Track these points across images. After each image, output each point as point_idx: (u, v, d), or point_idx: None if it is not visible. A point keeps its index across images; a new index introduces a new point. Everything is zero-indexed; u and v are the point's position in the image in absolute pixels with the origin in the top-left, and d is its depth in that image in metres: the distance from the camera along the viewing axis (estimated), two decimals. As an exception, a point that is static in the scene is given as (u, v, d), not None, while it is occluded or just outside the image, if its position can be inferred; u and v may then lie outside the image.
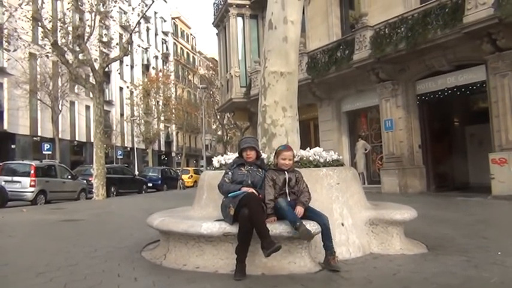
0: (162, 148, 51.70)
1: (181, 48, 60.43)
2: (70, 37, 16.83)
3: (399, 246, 5.00)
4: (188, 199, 14.71)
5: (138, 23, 17.97)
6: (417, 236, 5.63)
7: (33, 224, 8.70)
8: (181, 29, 61.42)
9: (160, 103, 44.13)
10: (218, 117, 45.43)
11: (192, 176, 32.22)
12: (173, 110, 44.55)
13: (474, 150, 16.49)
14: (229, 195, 4.27)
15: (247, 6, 21.59)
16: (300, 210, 4.15)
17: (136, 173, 30.50)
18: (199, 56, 65.53)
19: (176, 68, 56.25)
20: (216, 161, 5.65)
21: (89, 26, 16.61)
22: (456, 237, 5.84)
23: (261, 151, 4.79)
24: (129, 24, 39.59)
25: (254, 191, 4.21)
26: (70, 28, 16.49)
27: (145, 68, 48.76)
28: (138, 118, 42.01)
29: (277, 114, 5.54)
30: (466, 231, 6.36)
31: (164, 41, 54.85)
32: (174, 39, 58.19)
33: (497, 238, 5.84)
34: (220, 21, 23.21)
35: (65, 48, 16.46)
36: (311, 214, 4.25)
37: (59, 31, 16.84)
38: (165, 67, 52.07)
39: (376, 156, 16.82)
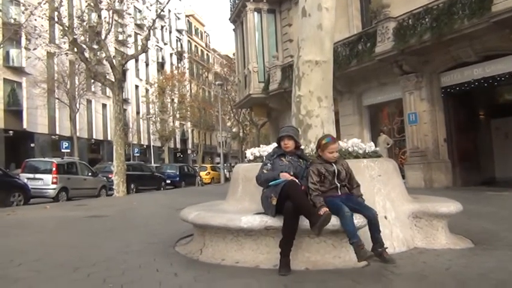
0: (178, 145, 51.79)
1: (195, 45, 60.38)
2: (88, 35, 16.82)
3: (445, 240, 4.79)
4: (209, 195, 14.70)
5: (157, 18, 17.79)
6: (459, 231, 5.40)
7: (59, 220, 8.64)
8: (195, 26, 61.36)
9: (176, 101, 44.18)
10: (232, 114, 45.30)
11: (209, 172, 32.13)
12: (188, 108, 44.55)
13: (500, 144, 16.11)
14: (270, 183, 4.09)
15: (264, 1, 21.36)
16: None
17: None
18: (213, 53, 65.46)
19: (190, 65, 56.27)
20: (249, 154, 5.48)
21: (107, 23, 16.55)
22: (499, 232, 5.59)
23: (299, 140, 4.51)
24: (144, 24, 39.85)
25: (294, 178, 4.02)
26: (88, 25, 16.45)
27: (160, 66, 48.83)
28: (154, 116, 42.10)
29: (312, 105, 5.34)
30: (507, 226, 6.11)
31: (178, 39, 54.87)
32: (188, 36, 58.17)
33: (543, 232, 5.58)
34: (237, 17, 23.03)
35: (84, 46, 16.45)
36: (357, 207, 4.06)
37: (78, 29, 16.83)
38: (179, 65, 52.08)
39: (399, 150, 16.50)
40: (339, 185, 4.16)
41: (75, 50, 16.03)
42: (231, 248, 4.36)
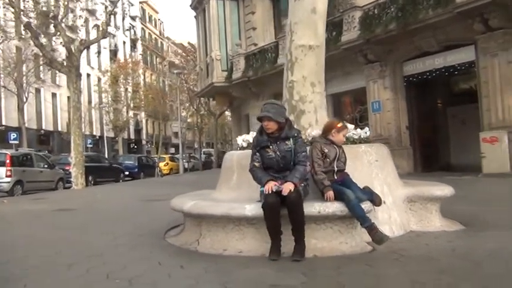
0: (132, 136, 50.39)
1: (149, 33, 58.71)
2: (41, 19, 15.80)
3: (439, 223, 4.90)
4: (173, 186, 14.46)
5: (118, 1, 16.98)
6: (445, 214, 5.52)
7: (26, 215, 8.12)
8: (149, 13, 59.58)
9: (130, 90, 42.86)
10: (188, 104, 44.57)
11: (168, 163, 31.50)
12: (142, 97, 43.38)
13: (456, 131, 16.75)
14: (260, 190, 3.96)
15: (227, -12, 21.01)
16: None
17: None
18: (168, 41, 63.99)
19: (145, 53, 54.73)
20: (241, 140, 5.34)
21: (64, 6, 15.60)
22: (481, 214, 5.78)
23: (283, 120, 3.97)
24: (96, 9, 38.06)
25: (276, 186, 3.79)
26: (42, 8, 15.43)
27: (113, 53, 47.07)
28: (107, 105, 40.65)
29: (305, 90, 5.25)
30: (485, 208, 6.36)
31: (132, 26, 53.05)
32: (142, 24, 56.45)
33: (521, 213, 5.84)
34: (199, 4, 22.50)
35: (38, 31, 15.44)
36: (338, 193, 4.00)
37: (32, 12, 15.75)
38: (133, 53, 50.52)
39: (362, 138, 16.80)
40: (336, 169, 4.15)
41: (29, 34, 15.01)
42: (232, 237, 4.22)
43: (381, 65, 14.65)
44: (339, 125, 4.24)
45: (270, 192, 3.76)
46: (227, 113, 41.45)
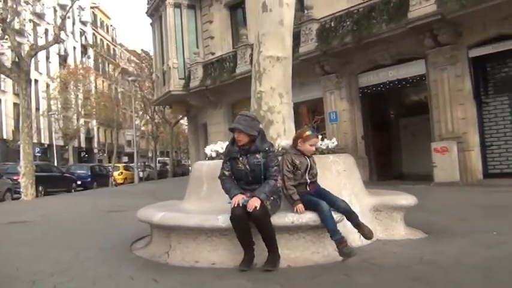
0: (83, 144, 48.70)
1: (101, 39, 57.25)
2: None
3: (403, 231, 5.05)
4: (130, 196, 14.12)
5: (72, 5, 16.45)
6: (407, 222, 5.70)
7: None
8: (100, 19, 58.12)
9: (81, 97, 41.52)
10: (142, 112, 43.73)
11: (122, 172, 30.74)
12: (94, 104, 42.13)
13: (407, 141, 17.42)
14: (227, 202, 3.96)
15: (184, -4, 20.88)
16: None
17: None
18: (120, 48, 62.62)
19: (96, 60, 53.25)
20: (209, 150, 5.28)
21: (12, 8, 14.91)
22: (438, 222, 6.02)
23: (254, 133, 4.03)
24: (44, 13, 36.66)
25: (244, 199, 3.81)
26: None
27: (63, 59, 45.47)
28: (57, 113, 39.12)
29: (273, 101, 5.30)
30: (441, 216, 6.63)
31: (83, 31, 51.56)
32: (94, 29, 54.95)
33: (475, 220, 6.13)
34: (155, 11, 22.20)
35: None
36: (329, 199, 4.09)
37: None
38: (84, 59, 49.02)
39: (318, 147, 17.10)
40: (309, 181, 4.17)
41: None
42: (204, 249, 4.18)
43: (337, 76, 15.03)
44: (305, 134, 4.21)
45: (237, 205, 3.77)
46: (182, 121, 41.11)
